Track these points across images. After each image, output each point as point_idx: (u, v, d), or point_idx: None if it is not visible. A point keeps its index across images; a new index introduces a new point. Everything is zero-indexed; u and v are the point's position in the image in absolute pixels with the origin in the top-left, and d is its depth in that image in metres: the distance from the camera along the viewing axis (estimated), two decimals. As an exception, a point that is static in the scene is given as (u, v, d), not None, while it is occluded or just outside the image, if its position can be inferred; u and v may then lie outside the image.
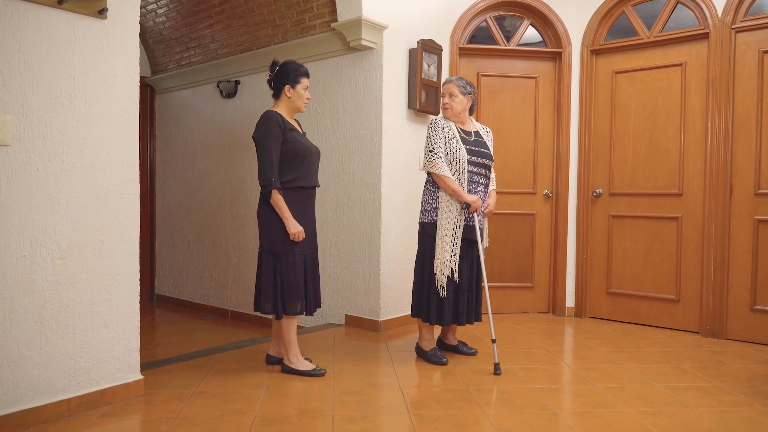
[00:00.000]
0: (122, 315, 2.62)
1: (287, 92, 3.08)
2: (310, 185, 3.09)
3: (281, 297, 2.98)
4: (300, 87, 3.07)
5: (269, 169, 2.94)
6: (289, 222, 2.96)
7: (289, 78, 3.07)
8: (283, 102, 3.10)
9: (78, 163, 2.45)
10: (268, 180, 2.94)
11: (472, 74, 4.66)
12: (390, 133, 4.06)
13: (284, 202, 2.96)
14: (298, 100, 3.08)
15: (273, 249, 3.01)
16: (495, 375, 3.06)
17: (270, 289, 3.00)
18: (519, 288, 4.73)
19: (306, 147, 3.05)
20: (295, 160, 3.00)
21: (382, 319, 4.03)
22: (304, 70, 3.10)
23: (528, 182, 4.71)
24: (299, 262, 3.00)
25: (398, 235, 4.15)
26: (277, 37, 4.52)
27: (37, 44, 2.31)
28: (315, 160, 3.13)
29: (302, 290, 3.01)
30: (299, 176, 3.02)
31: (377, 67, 4.01)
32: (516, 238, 4.70)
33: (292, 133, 3.02)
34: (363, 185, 4.09)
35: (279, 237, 2.99)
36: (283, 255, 2.99)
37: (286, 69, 3.08)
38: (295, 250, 2.99)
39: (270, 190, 2.94)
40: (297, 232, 2.96)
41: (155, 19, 5.38)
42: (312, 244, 3.11)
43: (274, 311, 2.99)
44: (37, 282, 2.34)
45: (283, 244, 2.98)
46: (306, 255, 3.05)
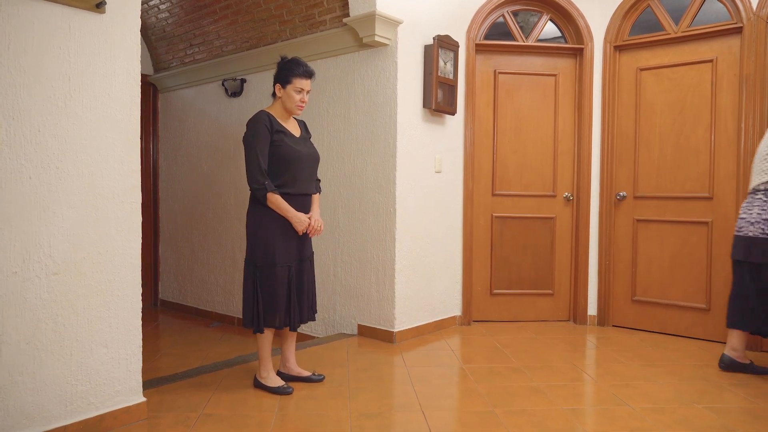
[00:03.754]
0: (123, 333, 2.43)
1: (278, 91, 2.88)
2: (298, 192, 2.86)
3: (261, 309, 2.80)
4: (291, 88, 2.83)
5: (258, 172, 2.74)
6: (293, 219, 2.79)
7: (280, 76, 2.86)
8: (278, 103, 2.90)
9: (74, 170, 2.26)
10: (260, 183, 2.74)
11: (488, 72, 4.45)
12: (405, 134, 3.85)
13: (283, 201, 2.78)
14: (288, 102, 2.85)
15: (253, 259, 2.82)
16: (518, 395, 2.86)
17: (249, 300, 2.83)
18: (538, 295, 4.52)
19: (294, 151, 2.82)
20: (281, 164, 2.80)
21: (397, 329, 3.83)
22: (301, 70, 2.84)
23: (547, 185, 4.50)
24: (280, 274, 2.80)
25: (414, 241, 3.95)
26: (285, 33, 4.31)
27: (29, 41, 2.12)
28: (307, 165, 2.89)
29: (284, 304, 2.81)
30: (286, 182, 2.81)
31: (391, 65, 3.80)
32: (535, 243, 4.50)
33: (280, 136, 2.80)
34: (376, 188, 3.89)
35: (260, 247, 2.81)
36: (262, 266, 2.80)
37: (281, 66, 2.88)
38: (276, 261, 2.78)
39: (264, 194, 2.74)
40: (305, 227, 2.81)
41: (158, 15, 5.18)
42: (299, 255, 2.89)
43: (252, 324, 2.82)
44: (30, 300, 2.15)
45: (264, 255, 2.80)
46: (290, 267, 2.84)
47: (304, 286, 2.91)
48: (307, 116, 4.23)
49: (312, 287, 2.98)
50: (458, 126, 4.30)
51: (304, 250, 2.92)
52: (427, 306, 4.09)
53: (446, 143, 4.21)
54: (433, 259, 4.13)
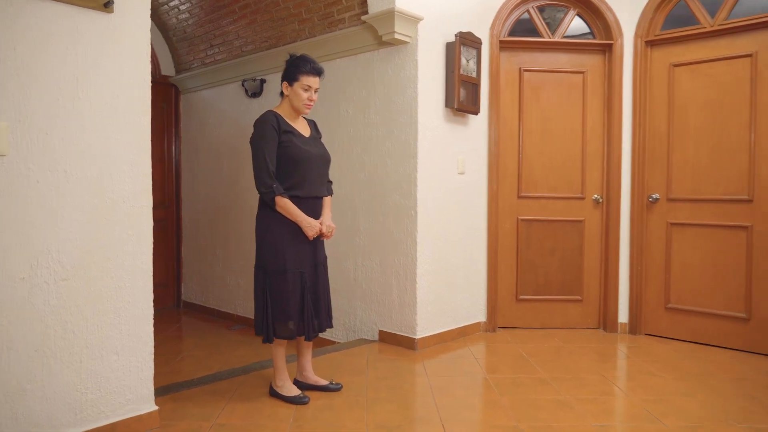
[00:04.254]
0: (134, 340, 2.37)
1: (285, 90, 2.78)
2: (308, 195, 2.75)
3: (271, 318, 2.69)
4: (298, 85, 2.73)
5: (265, 174, 2.66)
6: (303, 224, 2.69)
7: (287, 74, 2.77)
8: (285, 102, 2.81)
9: (83, 173, 2.20)
10: (268, 186, 2.65)
11: (513, 69, 4.30)
12: (426, 134, 3.73)
13: (292, 204, 2.68)
14: (296, 100, 2.75)
15: (264, 265, 2.73)
16: (544, 409, 2.72)
17: (260, 308, 2.72)
18: (566, 301, 4.35)
19: (303, 151, 2.71)
20: (289, 165, 2.70)
21: (418, 336, 3.72)
22: (309, 67, 2.74)
23: (576, 186, 4.33)
24: (292, 281, 2.69)
25: (436, 244, 3.83)
26: (304, 32, 4.23)
27: (36, 42, 2.07)
28: (317, 166, 2.78)
29: (296, 311, 2.70)
30: (294, 185, 2.71)
31: (411, 63, 3.69)
32: (563, 246, 4.33)
33: (288, 136, 2.70)
34: (397, 191, 3.78)
35: (270, 252, 2.71)
36: (273, 272, 2.69)
37: (289, 63, 2.78)
38: (287, 267, 2.68)
39: (273, 197, 2.65)
40: (315, 232, 2.71)
41: (178, 15, 5.16)
42: (312, 260, 2.78)
43: (263, 333, 2.72)
44: (38, 307, 2.10)
45: (274, 260, 2.70)
46: (303, 273, 2.73)
47: (320, 293, 2.80)
48: (326, 117, 4.15)
49: (327, 293, 2.88)
50: (482, 126, 4.16)
51: (318, 255, 2.81)
52: (450, 312, 3.97)
53: (469, 144, 4.08)
54: (456, 263, 4.00)
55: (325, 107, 4.16)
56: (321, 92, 4.17)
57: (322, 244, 2.87)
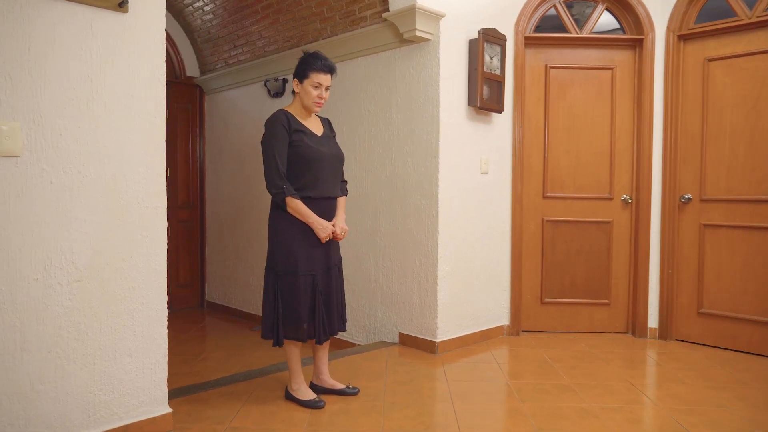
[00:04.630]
0: (148, 342, 2.35)
1: (295, 87, 2.73)
2: (320, 196, 2.69)
3: (281, 321, 2.64)
4: (308, 83, 2.67)
5: (276, 175, 2.61)
6: (315, 225, 2.63)
7: (298, 71, 2.72)
8: (296, 100, 2.76)
9: (96, 175, 2.19)
10: (278, 187, 2.60)
11: (539, 66, 4.19)
12: (448, 134, 3.65)
13: (303, 205, 2.62)
14: (306, 98, 2.69)
15: (274, 266, 2.68)
16: (567, 418, 2.62)
17: (269, 311, 2.67)
18: (593, 305, 4.22)
19: (314, 151, 2.65)
20: (300, 165, 2.64)
21: (439, 339, 3.64)
22: (320, 64, 2.67)
23: (604, 186, 4.19)
24: (303, 283, 2.63)
25: (458, 246, 3.74)
26: (326, 31, 4.19)
27: (50, 42, 2.06)
28: (329, 165, 2.72)
29: (307, 314, 2.65)
30: (306, 185, 2.66)
31: (433, 61, 3.61)
32: (590, 248, 4.20)
33: (298, 135, 2.65)
34: (419, 191, 3.71)
35: (281, 253, 2.66)
36: (284, 274, 2.64)
37: (300, 60, 2.73)
38: (299, 269, 2.63)
39: (283, 198, 2.60)
40: (327, 234, 2.65)
41: (202, 16, 5.18)
42: (326, 262, 2.73)
43: (271, 336, 2.67)
44: (52, 308, 2.10)
45: (285, 262, 2.65)
46: (315, 275, 2.67)
47: (332, 296, 2.74)
48: (347, 116, 4.10)
49: (341, 296, 2.82)
50: (506, 124, 4.06)
51: (331, 257, 2.76)
52: (471, 315, 3.88)
53: (493, 143, 3.98)
54: (478, 265, 3.91)
55: (347, 106, 4.12)
56: (342, 91, 4.14)
57: (337, 245, 2.82)
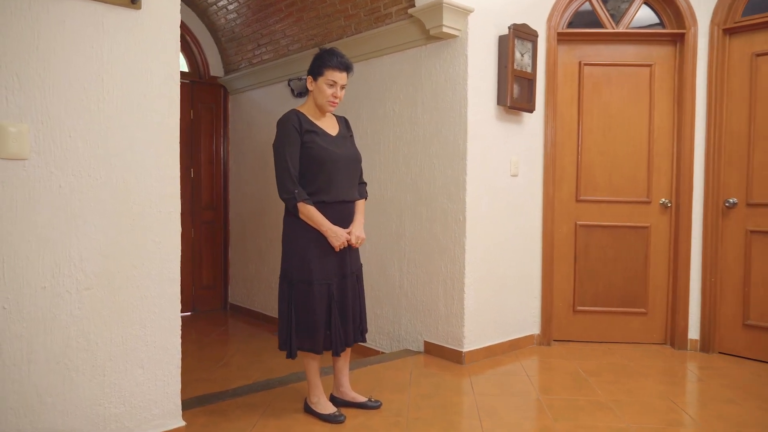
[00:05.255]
0: (160, 353, 2.26)
1: (309, 85, 2.60)
2: (335, 200, 2.55)
3: (295, 332, 2.52)
4: (322, 81, 2.54)
5: (287, 179, 2.48)
6: (329, 233, 2.50)
7: (312, 67, 2.59)
8: (310, 98, 2.63)
9: (107, 178, 2.10)
10: (290, 192, 2.48)
11: (572, 63, 3.99)
12: (476, 134, 3.49)
13: (316, 211, 2.49)
14: (319, 96, 2.56)
15: (288, 275, 2.55)
16: (608, 437, 2.44)
17: (284, 321, 2.55)
18: (629, 314, 4.00)
19: (327, 152, 2.51)
20: (313, 168, 2.51)
21: (466, 349, 3.48)
22: (336, 61, 2.54)
23: (641, 190, 3.98)
24: (318, 292, 2.50)
25: (486, 251, 3.58)
26: (350, 29, 4.07)
27: (59, 40, 1.98)
28: (344, 168, 2.57)
29: (322, 325, 2.51)
30: (319, 189, 2.52)
31: (461, 58, 3.46)
32: (626, 255, 3.99)
33: (310, 136, 2.51)
34: (445, 194, 3.56)
35: (295, 262, 2.53)
36: (298, 283, 2.52)
37: (315, 57, 2.60)
38: (313, 278, 2.49)
39: (294, 203, 2.48)
40: (341, 243, 2.51)
41: (226, 16, 5.11)
42: (341, 270, 2.58)
43: (286, 347, 2.54)
44: (60, 317, 2.01)
45: (299, 271, 2.52)
46: (331, 284, 2.53)
47: (348, 305, 2.59)
48: (371, 115, 3.98)
49: (359, 305, 2.67)
50: (537, 125, 3.88)
51: (347, 265, 2.61)
52: (500, 323, 3.71)
53: (523, 144, 3.81)
54: (507, 271, 3.74)
55: (371, 105, 3.99)
56: (366, 89, 4.01)
57: (356, 252, 2.68)
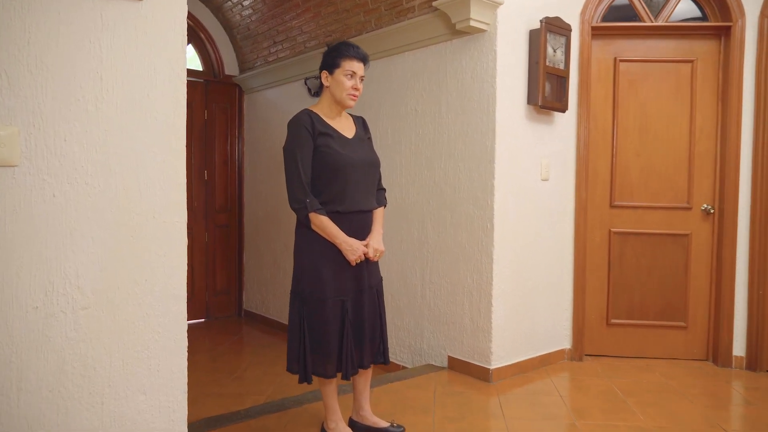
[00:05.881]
0: (164, 377, 2.06)
1: (324, 80, 2.39)
2: (351, 210, 2.32)
3: (308, 354, 2.28)
4: (340, 72, 2.32)
5: (298, 186, 2.27)
6: (343, 246, 2.27)
7: (326, 61, 2.38)
8: (325, 96, 2.42)
9: (106, 186, 1.91)
10: (301, 201, 2.27)
11: (607, 59, 3.74)
12: (505, 135, 3.26)
13: (329, 222, 2.27)
14: (338, 90, 2.34)
15: (300, 291, 2.33)
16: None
17: (295, 341, 2.32)
18: (667, 328, 3.74)
19: (341, 157, 2.29)
20: (326, 174, 2.29)
21: (494, 366, 3.25)
22: (353, 51, 2.33)
23: (681, 194, 3.71)
24: (332, 310, 2.27)
25: (515, 261, 3.35)
26: (370, 24, 3.86)
27: (53, 34, 1.79)
28: (361, 174, 2.35)
29: (336, 346, 2.28)
30: (334, 198, 2.30)
31: (489, 54, 3.23)
32: (664, 264, 3.72)
33: (324, 139, 2.29)
34: (471, 199, 3.34)
35: (307, 277, 2.31)
36: (311, 301, 2.29)
37: (327, 51, 2.40)
38: (326, 295, 2.27)
39: (306, 214, 2.27)
40: (357, 257, 2.29)
41: (241, 12, 4.93)
42: (357, 285, 2.35)
43: (297, 370, 2.32)
44: (54, 340, 1.83)
45: (311, 286, 2.29)
46: (345, 300, 2.30)
47: (365, 323, 2.36)
48: (391, 115, 3.76)
49: (378, 323, 2.43)
50: (569, 125, 3.64)
51: (364, 279, 2.37)
52: (530, 337, 3.48)
53: (555, 146, 3.56)
54: (537, 282, 3.50)
55: (392, 104, 3.77)
56: (387, 87, 3.80)
57: (375, 265, 2.45)
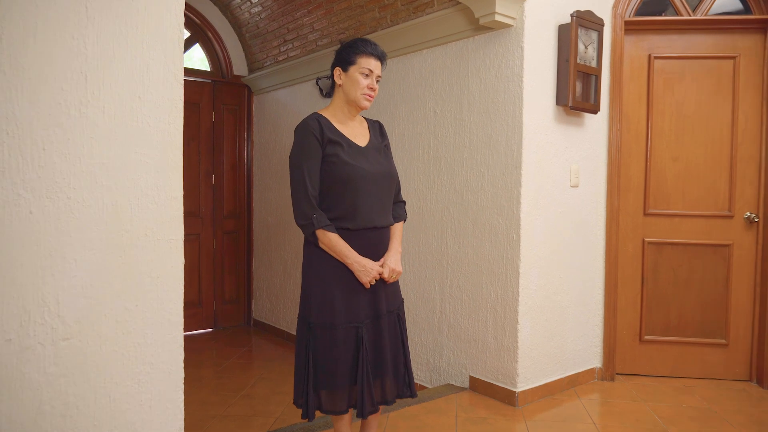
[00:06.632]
0: (157, 413, 1.84)
1: (337, 78, 2.14)
2: (363, 227, 2.06)
3: (312, 387, 2.02)
4: (356, 70, 2.07)
5: (304, 200, 2.02)
6: (355, 267, 2.02)
7: (340, 58, 2.13)
8: (337, 97, 2.16)
9: (92, 201, 1.69)
10: (307, 216, 2.02)
11: (641, 56, 3.47)
12: (533, 139, 3.01)
13: (339, 240, 2.03)
14: (352, 89, 2.08)
15: (307, 317, 2.07)
16: None
17: (300, 372, 2.06)
18: (706, 345, 3.47)
19: (351, 168, 2.03)
20: (336, 187, 2.04)
21: (520, 389, 3.00)
22: (370, 48, 2.08)
23: (721, 201, 3.44)
24: (344, 339, 2.01)
25: (543, 275, 3.10)
26: (385, 20, 3.62)
27: (30, 30, 1.57)
28: (374, 187, 2.08)
29: (347, 379, 2.02)
30: (344, 213, 2.05)
31: (515, 51, 2.98)
32: (703, 277, 3.45)
33: (333, 148, 2.04)
34: (495, 208, 3.09)
35: (315, 301, 2.05)
36: (319, 327, 2.03)
37: (341, 48, 2.15)
38: (337, 321, 2.01)
39: (312, 231, 2.02)
40: (372, 278, 2.03)
41: (250, 9, 4.71)
42: (373, 310, 2.09)
43: (302, 404, 2.06)
44: (30, 376, 1.61)
45: (319, 311, 2.03)
46: (359, 327, 2.04)
47: (385, 353, 2.08)
48: (408, 117, 3.52)
49: (401, 351, 2.15)
50: (600, 127, 3.38)
51: (382, 303, 2.10)
52: (558, 357, 3.22)
53: (585, 150, 3.31)
54: (566, 297, 3.25)
55: (409, 105, 3.53)
56: (403, 88, 3.56)
57: (394, 286, 2.18)
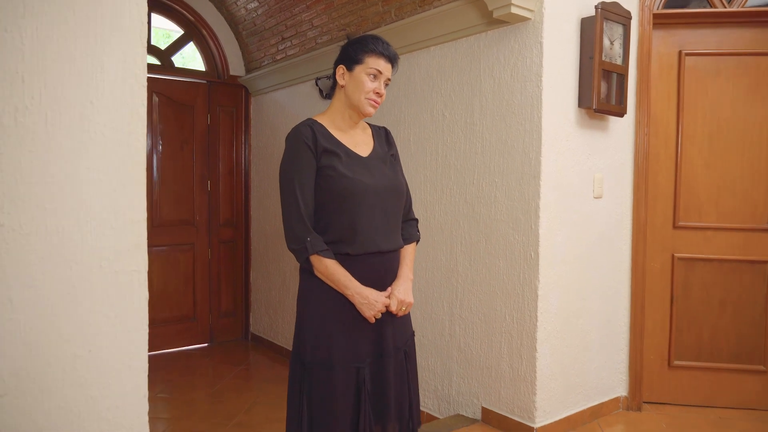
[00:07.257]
0: (117, 478, 1.55)
1: (339, 78, 1.85)
2: (364, 252, 1.77)
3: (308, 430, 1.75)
4: (362, 70, 1.79)
5: (296, 221, 1.74)
6: (356, 298, 1.73)
7: (345, 55, 1.85)
8: (337, 99, 1.88)
9: (32, 227, 1.40)
10: (300, 240, 1.73)
11: (670, 53, 3.17)
12: (553, 146, 2.71)
13: (337, 267, 1.74)
14: (356, 92, 1.80)
15: (301, 355, 1.78)
16: None
17: (294, 417, 1.78)
18: (743, 372, 3.16)
19: (351, 182, 1.75)
20: (332, 205, 1.76)
21: (538, 424, 2.70)
22: (381, 47, 1.80)
23: (759, 214, 3.12)
24: (343, 381, 1.73)
25: (564, 296, 2.79)
26: (390, 15, 3.33)
27: (-48, 20, 1.29)
28: (377, 204, 1.78)
29: (346, 426, 1.74)
30: (342, 235, 1.76)
31: (534, 47, 2.68)
32: (739, 297, 3.14)
33: (330, 158, 1.76)
34: (511, 222, 2.79)
35: (309, 336, 1.76)
36: (313, 367, 1.74)
37: (348, 44, 1.88)
38: (334, 361, 1.73)
39: (306, 257, 1.74)
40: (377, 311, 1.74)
41: (247, 5, 4.44)
42: (378, 348, 1.80)
43: None
44: (-44, 441, 1.33)
45: (314, 349, 1.75)
46: (361, 368, 1.76)
47: (388, 396, 1.79)
48: (414, 120, 3.22)
49: (407, 393, 1.87)
50: (626, 132, 3.07)
51: (387, 340, 1.81)
52: (580, 386, 2.92)
53: (609, 157, 3.00)
54: (589, 321, 2.94)
55: (414, 107, 3.24)
56: (408, 89, 3.27)
57: (403, 319, 1.88)
